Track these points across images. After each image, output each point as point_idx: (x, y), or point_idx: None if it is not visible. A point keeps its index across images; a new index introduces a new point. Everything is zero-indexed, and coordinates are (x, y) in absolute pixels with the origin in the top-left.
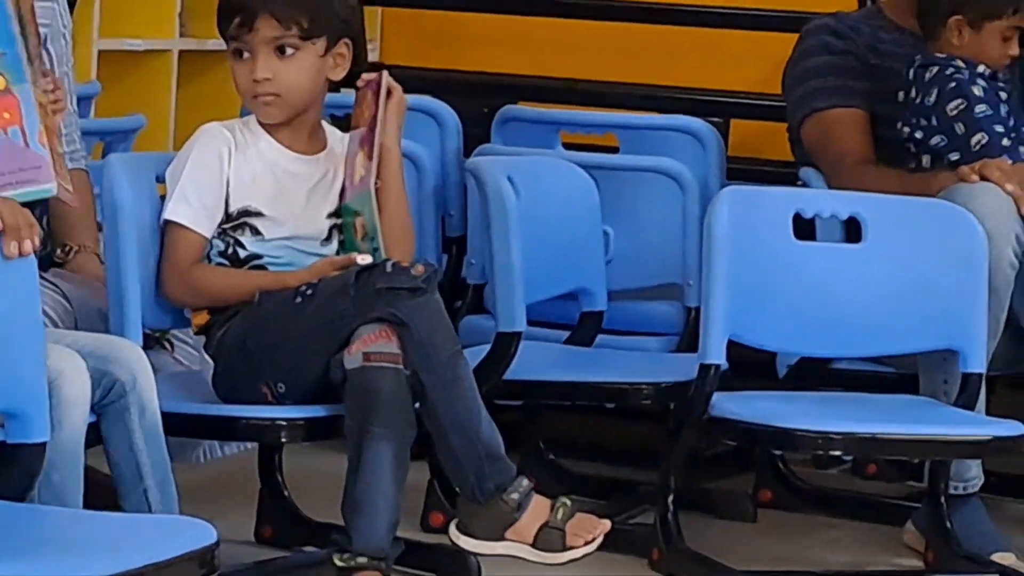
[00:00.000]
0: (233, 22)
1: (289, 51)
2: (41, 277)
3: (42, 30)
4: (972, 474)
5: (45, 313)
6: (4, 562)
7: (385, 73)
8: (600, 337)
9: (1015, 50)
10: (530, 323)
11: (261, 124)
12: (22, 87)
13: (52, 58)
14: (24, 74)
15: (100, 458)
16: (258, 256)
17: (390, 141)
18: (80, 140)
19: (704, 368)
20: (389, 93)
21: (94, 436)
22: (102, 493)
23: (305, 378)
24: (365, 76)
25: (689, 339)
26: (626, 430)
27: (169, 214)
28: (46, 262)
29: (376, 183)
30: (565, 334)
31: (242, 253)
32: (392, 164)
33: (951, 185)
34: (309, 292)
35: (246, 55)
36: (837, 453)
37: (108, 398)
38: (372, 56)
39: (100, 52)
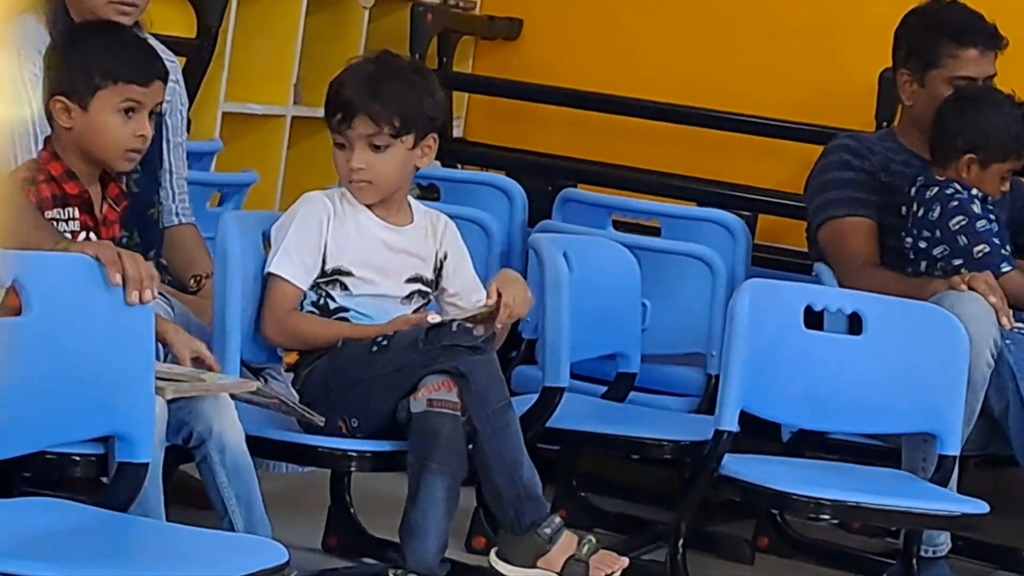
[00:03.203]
0: (336, 117)
1: (381, 146)
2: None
3: (165, 105)
4: (941, 540)
5: None
6: (95, 566)
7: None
8: (632, 394)
9: (1007, 187)
10: (573, 376)
11: None
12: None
13: (169, 129)
14: None
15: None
16: (345, 309)
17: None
18: (189, 198)
19: (718, 433)
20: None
21: None
22: (195, 496)
23: (375, 416)
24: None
25: (709, 401)
26: (648, 473)
27: (273, 268)
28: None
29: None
30: (602, 389)
31: (331, 305)
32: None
33: (942, 292)
34: (384, 343)
35: (345, 146)
36: (825, 517)
37: (192, 443)
38: (457, 132)
39: (224, 114)
